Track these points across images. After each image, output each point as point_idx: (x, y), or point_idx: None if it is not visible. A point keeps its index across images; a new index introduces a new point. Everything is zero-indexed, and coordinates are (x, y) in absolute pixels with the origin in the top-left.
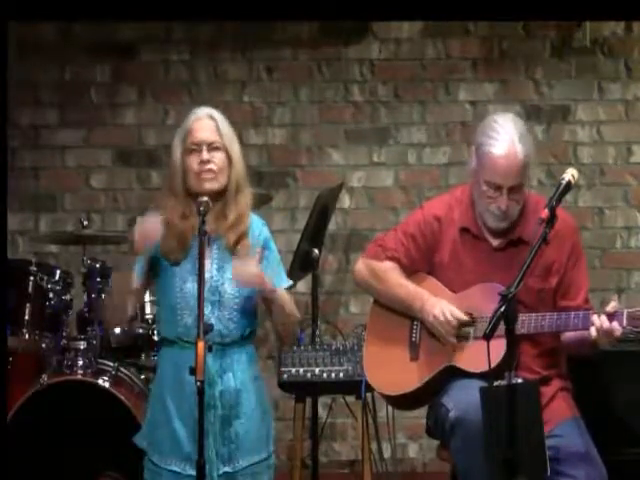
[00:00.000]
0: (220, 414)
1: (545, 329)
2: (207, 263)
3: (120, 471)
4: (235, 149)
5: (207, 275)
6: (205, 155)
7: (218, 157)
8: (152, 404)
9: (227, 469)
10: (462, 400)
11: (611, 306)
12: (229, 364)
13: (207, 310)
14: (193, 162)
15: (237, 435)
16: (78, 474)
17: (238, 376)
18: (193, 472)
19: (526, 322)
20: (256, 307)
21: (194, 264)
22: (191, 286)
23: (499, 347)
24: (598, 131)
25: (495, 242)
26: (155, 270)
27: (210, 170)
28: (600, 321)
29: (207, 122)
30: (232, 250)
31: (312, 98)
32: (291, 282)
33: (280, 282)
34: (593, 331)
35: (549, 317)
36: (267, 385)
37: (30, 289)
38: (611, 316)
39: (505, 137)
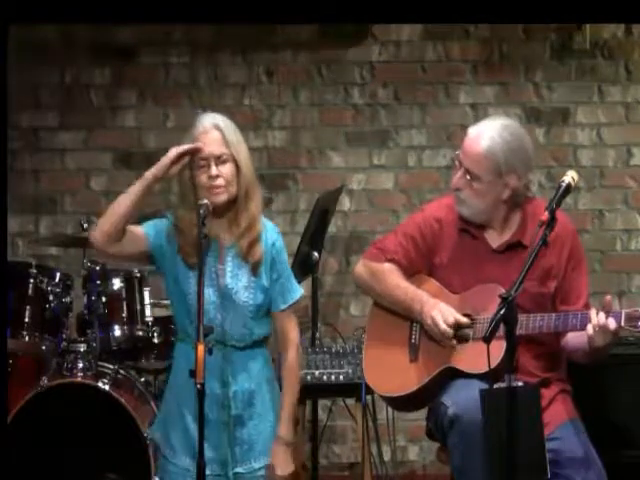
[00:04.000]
0: (234, 414)
1: (544, 329)
2: (222, 270)
3: (120, 473)
4: (243, 156)
5: (221, 282)
6: (213, 171)
7: (226, 170)
8: (167, 397)
9: (240, 470)
10: (461, 398)
11: (607, 299)
12: (243, 366)
13: (220, 316)
14: (202, 177)
15: (250, 436)
16: (78, 476)
17: (253, 377)
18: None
19: (524, 322)
20: (269, 312)
21: (210, 271)
22: (206, 292)
23: (498, 348)
24: (598, 134)
25: (494, 244)
26: (166, 268)
27: (219, 185)
28: (597, 318)
29: (214, 134)
30: (246, 256)
31: (312, 101)
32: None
33: (292, 296)
34: (590, 328)
35: (547, 317)
36: None
37: (30, 291)
38: (608, 314)
39: (485, 126)
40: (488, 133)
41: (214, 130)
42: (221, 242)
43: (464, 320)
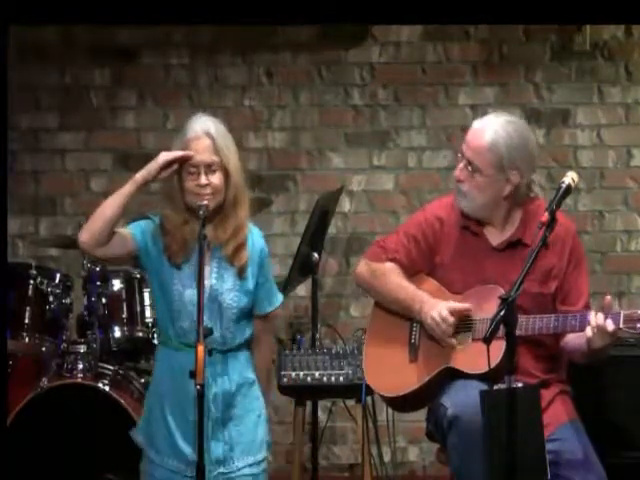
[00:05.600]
0: (214, 417)
1: (543, 330)
2: (207, 272)
3: (120, 474)
4: (233, 163)
5: (206, 284)
6: (203, 180)
7: (215, 178)
8: (148, 401)
9: (222, 470)
10: (460, 398)
11: (607, 300)
12: (224, 368)
13: (205, 317)
14: (191, 183)
15: (231, 437)
16: (78, 477)
17: (233, 380)
18: (188, 472)
19: (524, 323)
20: (251, 316)
21: (195, 271)
22: (190, 292)
23: (498, 348)
24: (598, 135)
25: (495, 242)
26: (152, 270)
27: (207, 193)
28: (596, 319)
29: (205, 142)
30: (231, 260)
31: (312, 102)
32: (282, 298)
33: (274, 302)
34: (589, 331)
35: (547, 318)
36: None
37: (30, 292)
38: (607, 316)
39: (490, 120)
40: (493, 127)
41: (205, 137)
42: (207, 244)
43: (461, 306)
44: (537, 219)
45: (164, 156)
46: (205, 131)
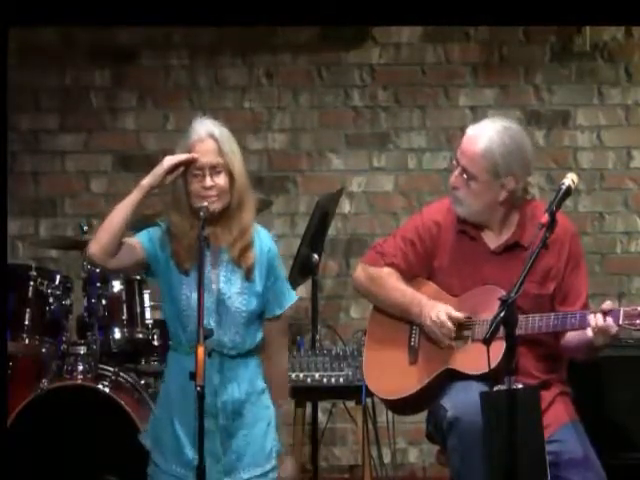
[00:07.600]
0: (222, 424)
1: (542, 329)
2: (214, 276)
3: (120, 476)
4: (237, 165)
5: (214, 287)
6: (208, 182)
7: (220, 180)
8: (158, 405)
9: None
10: (460, 400)
11: (607, 304)
12: (233, 375)
13: (213, 322)
14: (196, 185)
15: (238, 446)
16: (78, 478)
17: (243, 387)
18: (192, 478)
19: (523, 323)
20: (261, 320)
21: (204, 275)
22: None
23: (498, 349)
24: (598, 136)
25: (492, 245)
26: (160, 276)
27: (212, 195)
28: (595, 319)
29: (209, 144)
30: (238, 261)
31: (312, 103)
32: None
33: (288, 301)
34: (589, 331)
35: (546, 317)
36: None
37: (30, 294)
38: (607, 314)
39: (484, 126)
40: (487, 133)
41: (209, 139)
42: (214, 247)
43: (462, 316)
44: (534, 221)
45: (169, 160)
46: (209, 133)
